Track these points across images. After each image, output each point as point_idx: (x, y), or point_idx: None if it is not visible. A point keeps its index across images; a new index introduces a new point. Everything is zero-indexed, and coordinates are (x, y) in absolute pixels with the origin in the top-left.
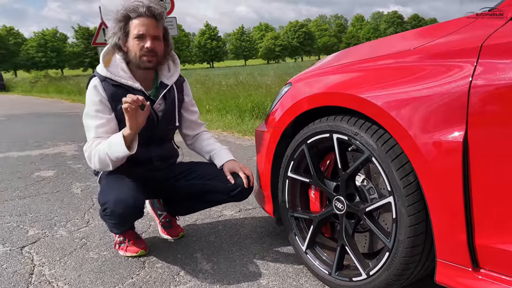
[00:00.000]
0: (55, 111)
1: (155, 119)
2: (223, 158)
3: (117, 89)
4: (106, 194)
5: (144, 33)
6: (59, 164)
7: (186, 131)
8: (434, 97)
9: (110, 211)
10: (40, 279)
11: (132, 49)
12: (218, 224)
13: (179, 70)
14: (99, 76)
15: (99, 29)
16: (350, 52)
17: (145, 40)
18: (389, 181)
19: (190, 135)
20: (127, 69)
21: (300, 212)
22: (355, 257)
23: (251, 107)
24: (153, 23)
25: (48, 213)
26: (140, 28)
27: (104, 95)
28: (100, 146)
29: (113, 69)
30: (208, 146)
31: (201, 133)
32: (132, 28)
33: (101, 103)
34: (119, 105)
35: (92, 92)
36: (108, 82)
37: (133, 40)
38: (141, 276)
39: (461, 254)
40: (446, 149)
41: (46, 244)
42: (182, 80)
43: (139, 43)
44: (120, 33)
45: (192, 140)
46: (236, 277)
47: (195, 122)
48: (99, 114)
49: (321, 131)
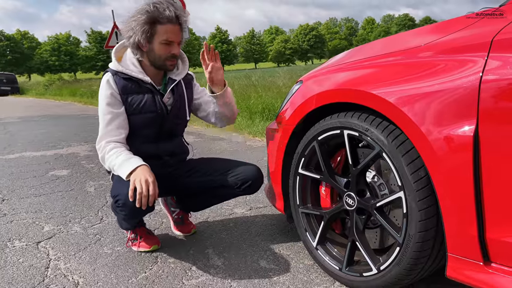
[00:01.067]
0: (69, 113)
1: (165, 112)
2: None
3: (128, 82)
4: (118, 188)
5: (173, 40)
6: (73, 163)
7: (205, 113)
8: (445, 92)
9: (123, 202)
10: (55, 273)
11: (158, 52)
12: (230, 222)
13: (187, 68)
14: (111, 70)
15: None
16: (361, 49)
17: (173, 46)
18: (399, 176)
19: (209, 112)
20: (138, 65)
21: (310, 208)
22: (365, 252)
23: (262, 108)
24: (179, 30)
25: (62, 210)
26: (170, 35)
27: (116, 88)
28: (113, 158)
29: (124, 64)
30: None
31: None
32: (160, 33)
33: (112, 96)
34: (129, 97)
35: (104, 86)
36: (120, 75)
37: (160, 44)
38: (154, 270)
39: (472, 248)
40: (457, 144)
41: (61, 240)
42: (190, 77)
43: (167, 48)
44: (144, 34)
45: (214, 112)
46: (247, 273)
47: (209, 101)
48: (109, 108)
49: (332, 128)
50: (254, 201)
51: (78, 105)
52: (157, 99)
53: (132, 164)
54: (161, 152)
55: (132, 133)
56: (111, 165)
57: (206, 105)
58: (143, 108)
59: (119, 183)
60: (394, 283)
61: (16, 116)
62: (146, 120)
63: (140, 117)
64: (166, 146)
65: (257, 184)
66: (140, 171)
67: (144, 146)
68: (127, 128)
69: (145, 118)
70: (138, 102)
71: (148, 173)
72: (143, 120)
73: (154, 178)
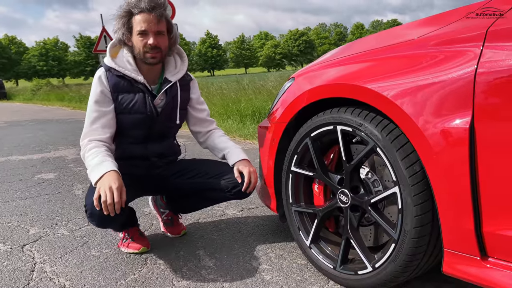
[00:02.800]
0: (57, 117)
1: (154, 114)
2: (235, 157)
3: (120, 80)
4: (88, 195)
5: (147, 30)
6: (60, 167)
7: (196, 128)
8: (439, 85)
9: (90, 212)
10: (41, 276)
11: (136, 45)
12: (221, 223)
13: (186, 67)
14: (105, 66)
15: (101, 36)
16: (354, 44)
17: (148, 36)
18: (394, 171)
19: (201, 132)
20: (133, 62)
21: (303, 206)
22: (360, 250)
23: (252, 111)
24: (155, 18)
25: (49, 213)
26: (143, 24)
27: (107, 84)
28: (89, 159)
29: (119, 61)
30: (222, 144)
31: (213, 130)
32: (135, 24)
33: (101, 94)
34: (120, 95)
35: (96, 83)
36: (113, 72)
37: (136, 36)
38: (143, 272)
39: (468, 243)
40: (452, 137)
41: (47, 243)
42: (189, 79)
43: (142, 40)
44: (123, 28)
45: (205, 137)
46: (240, 273)
47: (205, 120)
48: (96, 107)
49: (325, 123)
50: (246, 202)
51: (67, 109)
52: (148, 100)
53: (101, 170)
54: (149, 153)
55: (121, 132)
56: (87, 166)
57: (199, 124)
58: (133, 109)
59: (89, 191)
60: (389, 281)
61: (2, 120)
62: (135, 121)
63: (129, 117)
64: (155, 147)
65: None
66: (106, 178)
67: (132, 146)
68: (114, 127)
69: (134, 119)
70: (129, 101)
71: (113, 179)
72: (132, 120)
73: (119, 184)
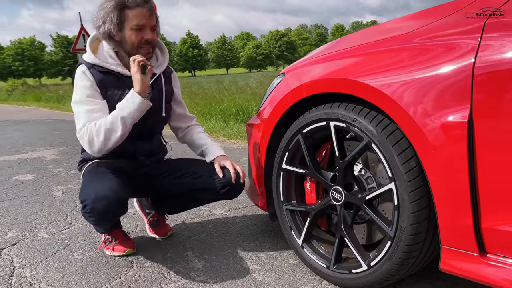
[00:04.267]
0: (34, 118)
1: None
2: (214, 153)
3: (105, 75)
4: (86, 191)
5: (144, 24)
6: (38, 168)
7: (176, 123)
8: (437, 78)
9: (90, 208)
10: (20, 281)
11: (129, 40)
12: (208, 223)
13: (167, 59)
14: (86, 63)
15: (79, 35)
16: (343, 40)
17: (145, 31)
18: (390, 167)
19: (181, 127)
20: (115, 56)
21: (295, 205)
22: (354, 248)
23: (236, 111)
24: (148, 12)
25: (27, 215)
26: (141, 19)
27: (93, 80)
28: (105, 118)
29: (101, 56)
30: (200, 140)
31: (193, 126)
32: (130, 18)
33: (92, 88)
34: (109, 91)
35: (82, 77)
36: (96, 69)
37: (131, 31)
38: (129, 275)
39: (466, 239)
40: (450, 131)
41: (26, 246)
42: (170, 71)
43: (138, 34)
44: (113, 22)
45: (183, 132)
46: (230, 274)
47: (186, 115)
48: (92, 99)
49: (317, 120)
50: (233, 202)
51: (44, 110)
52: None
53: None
54: (137, 151)
55: None
56: (108, 120)
57: (180, 120)
58: None
59: (86, 187)
60: (385, 279)
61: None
62: None
63: None
64: (143, 145)
65: (237, 188)
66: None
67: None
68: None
69: None
70: (118, 97)
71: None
72: None
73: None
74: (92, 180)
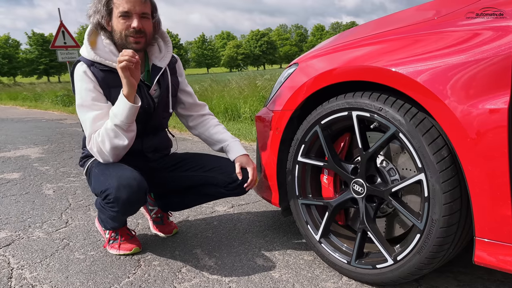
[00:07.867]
0: (12, 117)
1: (152, 107)
2: (236, 151)
3: (107, 74)
4: (104, 181)
5: (130, 11)
6: (24, 166)
7: (186, 112)
8: (472, 63)
9: (114, 197)
10: (21, 283)
11: (117, 29)
12: (213, 220)
13: (171, 50)
14: (86, 61)
15: (58, 32)
16: (359, 29)
17: (132, 19)
18: (419, 157)
19: (192, 115)
20: (116, 51)
21: (311, 199)
22: (379, 242)
23: (224, 108)
24: (139, 0)
25: (19, 214)
26: (125, 5)
27: (95, 80)
28: (104, 126)
29: (101, 52)
30: (218, 135)
31: (207, 116)
32: (116, 5)
33: (95, 90)
34: (113, 90)
35: (84, 79)
36: (97, 67)
37: (118, 19)
38: (138, 274)
39: (504, 230)
40: (488, 117)
41: (22, 246)
42: (174, 61)
43: (125, 22)
44: (103, 10)
45: (196, 121)
46: (245, 271)
47: (195, 103)
48: (96, 103)
49: (337, 110)
50: (235, 199)
51: (21, 108)
52: (144, 92)
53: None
54: (144, 148)
55: None
56: (107, 129)
57: (190, 109)
58: None
59: (103, 177)
60: (412, 273)
61: None
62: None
63: None
64: (150, 141)
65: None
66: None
67: None
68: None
69: None
70: None
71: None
72: None
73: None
74: (109, 170)
